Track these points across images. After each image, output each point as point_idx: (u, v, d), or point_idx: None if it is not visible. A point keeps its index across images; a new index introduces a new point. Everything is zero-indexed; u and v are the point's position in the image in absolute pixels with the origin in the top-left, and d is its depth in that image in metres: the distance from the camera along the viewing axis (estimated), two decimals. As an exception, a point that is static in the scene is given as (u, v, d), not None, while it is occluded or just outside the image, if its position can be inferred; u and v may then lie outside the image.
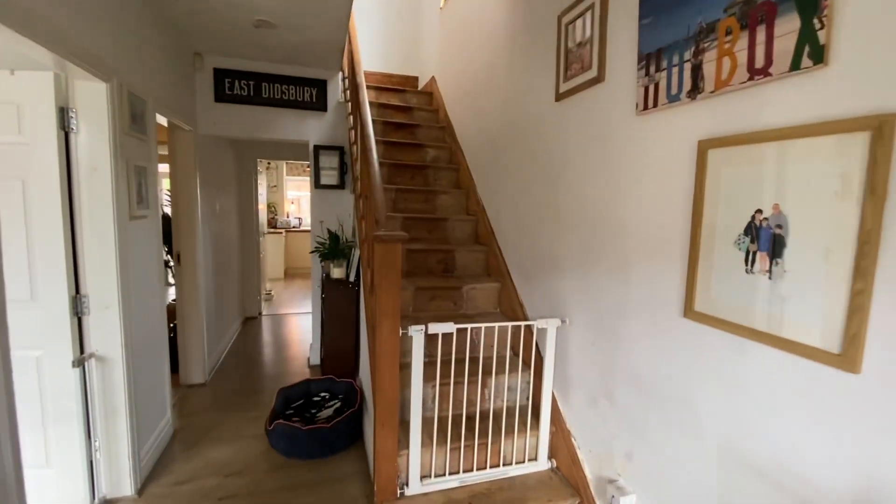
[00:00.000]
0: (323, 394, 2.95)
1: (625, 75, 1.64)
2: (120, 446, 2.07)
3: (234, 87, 3.34)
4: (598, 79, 1.78)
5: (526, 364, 2.30)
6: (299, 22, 2.63)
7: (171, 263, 3.36)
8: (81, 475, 1.96)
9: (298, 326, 5.09)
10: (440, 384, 2.05)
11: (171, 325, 3.52)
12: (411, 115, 4.02)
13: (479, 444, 1.98)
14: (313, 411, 2.83)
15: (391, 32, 5.05)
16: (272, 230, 8.01)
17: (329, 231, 3.22)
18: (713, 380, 1.30)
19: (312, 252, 3.24)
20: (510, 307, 2.56)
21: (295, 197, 9.39)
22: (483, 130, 3.06)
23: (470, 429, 2.00)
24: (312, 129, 3.57)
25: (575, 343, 1.99)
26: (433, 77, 4.32)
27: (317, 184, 3.56)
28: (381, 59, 4.95)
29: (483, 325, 1.89)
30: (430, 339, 2.07)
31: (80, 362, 1.90)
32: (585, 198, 1.89)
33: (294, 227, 8.83)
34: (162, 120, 2.85)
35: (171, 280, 3.43)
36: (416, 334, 1.77)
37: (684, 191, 1.39)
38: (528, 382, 2.26)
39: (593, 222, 1.84)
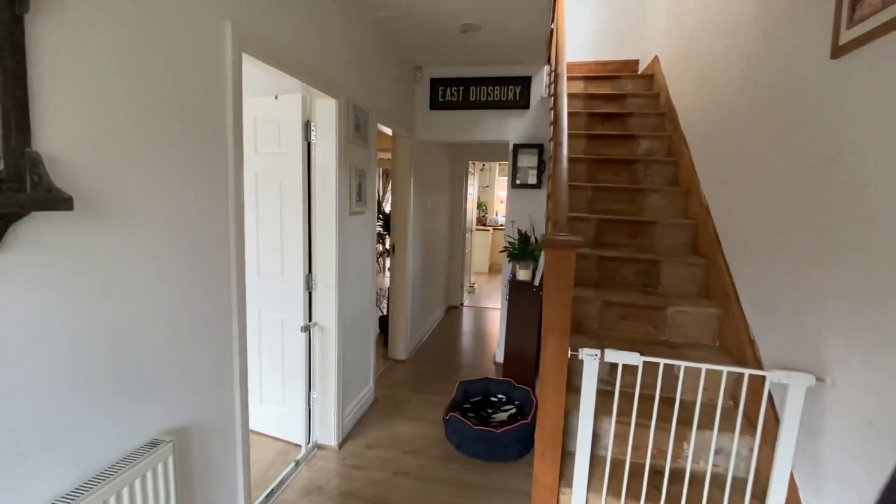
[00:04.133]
0: (500, 395, 2.90)
1: (983, -8, 0.97)
2: (330, 403, 2.48)
3: (446, 93, 3.60)
4: (921, 9, 1.12)
5: (750, 423, 1.70)
6: (501, 19, 2.60)
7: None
8: (303, 419, 2.43)
9: (493, 321, 5.23)
10: (619, 422, 1.70)
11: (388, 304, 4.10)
12: (623, 103, 3.54)
13: (666, 512, 1.56)
14: (489, 411, 2.81)
15: (611, 14, 4.59)
16: (481, 227, 8.51)
17: (519, 231, 3.14)
18: None
19: (502, 251, 3.22)
20: (735, 343, 1.95)
21: (505, 196, 9.74)
22: (715, 112, 2.42)
23: (656, 486, 1.60)
24: (513, 127, 3.53)
25: (839, 416, 1.34)
26: (656, 57, 3.70)
27: (513, 183, 3.52)
28: (597, 47, 4.57)
29: (684, 364, 1.45)
30: (612, 364, 1.74)
31: (306, 328, 2.35)
32: (873, 201, 1.23)
33: (501, 226, 9.18)
34: (387, 129, 3.30)
35: (389, 266, 3.97)
36: (589, 360, 1.50)
37: None
38: (751, 450, 1.66)
39: (887, 240, 1.18)
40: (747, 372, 1.46)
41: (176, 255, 1.31)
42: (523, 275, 2.92)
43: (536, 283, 2.84)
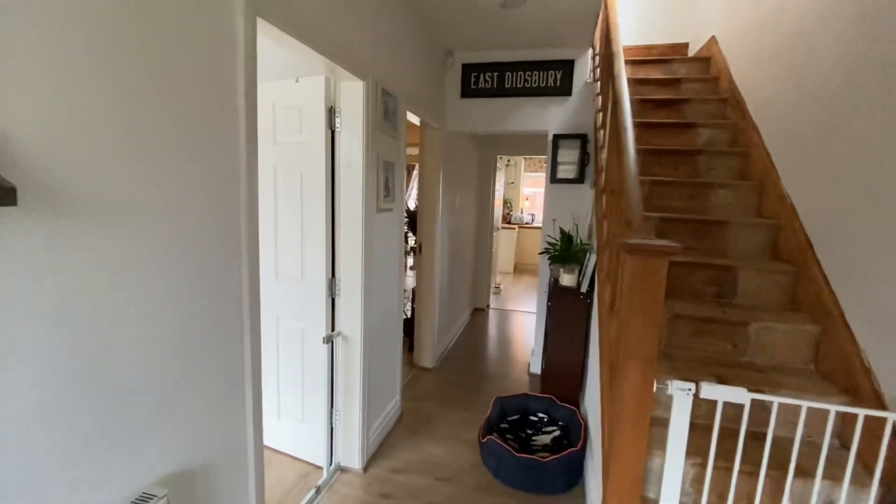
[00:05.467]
0: (541, 415, 2.60)
1: None
2: (354, 421, 2.24)
3: (480, 80, 3.30)
4: None
5: (869, 472, 1.37)
6: (548, -10, 2.30)
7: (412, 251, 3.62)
8: (324, 438, 2.19)
9: (522, 326, 4.92)
10: (698, 464, 1.39)
11: (413, 307, 3.85)
12: (677, 88, 3.19)
13: (772, 583, 1.25)
14: (529, 432, 2.53)
15: (656, -5, 4.22)
16: (506, 225, 8.19)
17: (562, 231, 2.83)
18: None
19: (542, 253, 2.92)
20: (841, 368, 1.61)
21: (530, 193, 9.39)
22: (803, 93, 2.06)
23: (756, 550, 1.29)
24: (553, 116, 3.22)
25: None
26: (712, 37, 3.33)
27: (553, 178, 3.21)
28: (641, 31, 4.20)
29: (806, 404, 1.14)
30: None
31: (328, 339, 2.10)
32: None
33: (527, 224, 8.84)
34: (414, 119, 3.03)
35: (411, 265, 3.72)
36: (681, 395, 1.19)
37: None
38: (879, 507, 1.33)
39: None
40: (892, 417, 1.13)
41: (174, 261, 1.06)
42: (567, 280, 2.62)
43: (583, 289, 2.53)
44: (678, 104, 2.99)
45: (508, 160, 8.64)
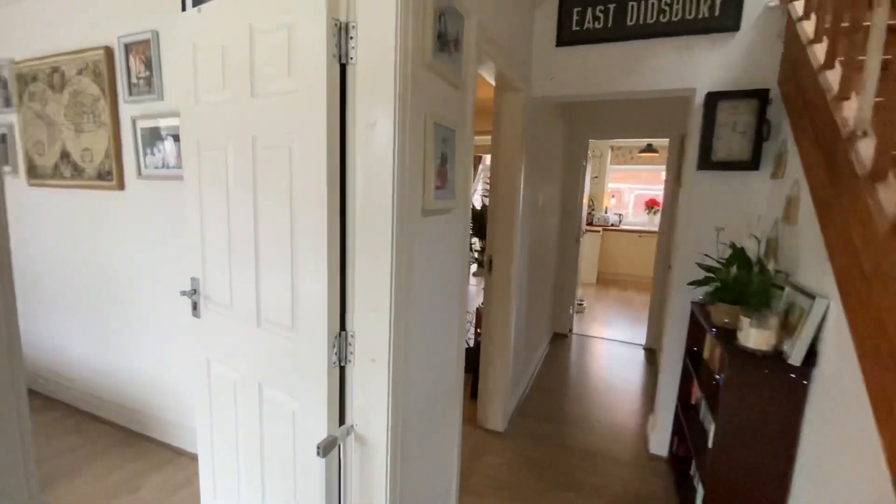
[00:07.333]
0: (700, 573, 1.50)
1: None
2: (376, 572, 1.31)
3: (585, 18, 2.23)
4: None
5: None
6: None
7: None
8: None
9: (623, 365, 3.73)
10: None
11: (477, 331, 2.92)
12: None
13: None
14: None
15: None
16: (589, 227, 6.93)
17: (735, 248, 1.69)
18: None
19: (695, 283, 1.78)
20: None
21: (615, 189, 8.01)
22: None
23: None
24: (705, 65, 2.06)
25: None
26: None
27: (704, 161, 2.05)
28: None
29: None
30: None
31: (330, 445, 1.18)
32: None
33: (613, 225, 7.50)
34: (488, 76, 2.04)
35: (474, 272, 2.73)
36: None
37: None
38: None
39: None
40: None
41: None
42: (756, 338, 1.47)
43: (795, 360, 1.38)
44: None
45: (592, 151, 7.34)
